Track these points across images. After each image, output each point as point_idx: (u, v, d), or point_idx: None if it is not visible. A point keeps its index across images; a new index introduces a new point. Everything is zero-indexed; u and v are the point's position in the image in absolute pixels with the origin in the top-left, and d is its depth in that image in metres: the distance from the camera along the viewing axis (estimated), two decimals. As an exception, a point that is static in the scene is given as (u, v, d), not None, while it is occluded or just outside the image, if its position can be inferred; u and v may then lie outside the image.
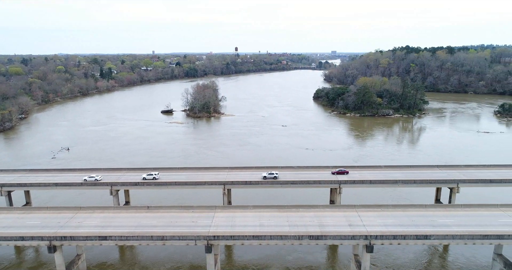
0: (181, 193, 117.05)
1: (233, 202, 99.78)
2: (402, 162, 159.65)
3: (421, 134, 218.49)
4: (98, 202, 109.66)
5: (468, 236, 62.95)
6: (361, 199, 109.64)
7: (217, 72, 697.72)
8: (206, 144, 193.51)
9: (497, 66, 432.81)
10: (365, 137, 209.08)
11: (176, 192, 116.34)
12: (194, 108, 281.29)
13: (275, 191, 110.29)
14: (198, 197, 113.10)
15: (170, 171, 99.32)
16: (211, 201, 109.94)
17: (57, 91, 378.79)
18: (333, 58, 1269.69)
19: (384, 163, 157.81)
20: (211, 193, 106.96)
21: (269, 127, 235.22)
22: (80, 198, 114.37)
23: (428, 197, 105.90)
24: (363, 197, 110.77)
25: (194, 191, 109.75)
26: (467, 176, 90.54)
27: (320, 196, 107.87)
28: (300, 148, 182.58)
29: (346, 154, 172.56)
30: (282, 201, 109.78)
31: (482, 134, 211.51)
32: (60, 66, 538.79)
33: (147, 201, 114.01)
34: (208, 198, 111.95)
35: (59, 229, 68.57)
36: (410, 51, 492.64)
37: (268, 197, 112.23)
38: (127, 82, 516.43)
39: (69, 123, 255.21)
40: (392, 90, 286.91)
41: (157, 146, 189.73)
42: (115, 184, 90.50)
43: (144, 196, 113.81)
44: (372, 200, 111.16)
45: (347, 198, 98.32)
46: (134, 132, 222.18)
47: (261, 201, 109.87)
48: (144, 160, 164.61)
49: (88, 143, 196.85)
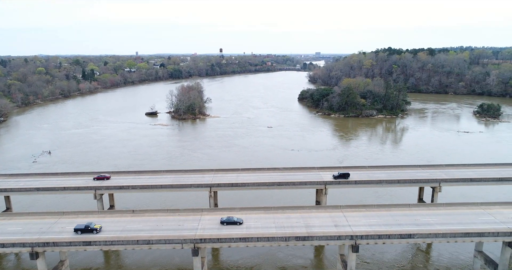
0: (167, 196, 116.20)
1: (220, 204, 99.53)
2: (386, 162, 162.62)
3: (403, 134, 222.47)
4: (82, 206, 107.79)
5: (450, 235, 64.48)
6: (347, 199, 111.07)
7: (202, 74, 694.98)
8: (191, 146, 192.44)
9: (475, 68, 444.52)
10: (349, 138, 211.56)
11: (162, 195, 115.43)
12: (179, 109, 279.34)
13: (261, 192, 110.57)
14: (184, 200, 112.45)
15: (155, 174, 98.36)
16: (198, 203, 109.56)
17: (37, 93, 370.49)
18: (317, 60, 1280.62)
19: (368, 163, 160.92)
20: (197, 195, 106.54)
21: (255, 128, 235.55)
22: (63, 202, 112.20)
23: (412, 196, 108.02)
24: (349, 197, 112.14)
25: (180, 194, 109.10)
26: (449, 175, 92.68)
27: (306, 197, 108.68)
28: (286, 149, 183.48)
29: (331, 154, 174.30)
30: (268, 203, 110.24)
31: (462, 133, 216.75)
32: (41, 67, 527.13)
33: (132, 204, 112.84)
34: (194, 200, 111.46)
35: (41, 235, 67.08)
36: (392, 52, 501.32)
37: (254, 198, 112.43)
38: (110, 83, 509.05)
39: (50, 126, 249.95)
40: (375, 91, 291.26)
41: (141, 148, 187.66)
42: (99, 188, 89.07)
43: (129, 199, 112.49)
44: (357, 200, 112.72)
45: (333, 198, 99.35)
46: (118, 135, 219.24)
47: (248, 203, 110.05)
48: (128, 163, 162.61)
49: (70, 146, 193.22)
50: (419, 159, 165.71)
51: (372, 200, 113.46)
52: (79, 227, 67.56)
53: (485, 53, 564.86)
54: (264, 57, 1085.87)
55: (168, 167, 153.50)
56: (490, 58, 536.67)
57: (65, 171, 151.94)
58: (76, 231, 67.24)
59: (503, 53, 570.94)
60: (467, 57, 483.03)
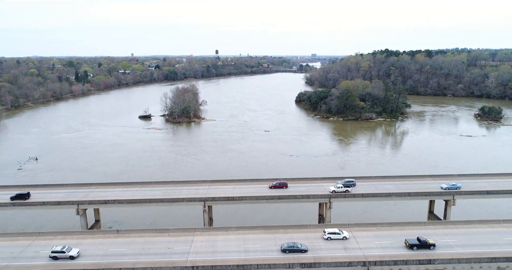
0: (158, 209, 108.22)
1: (215, 218, 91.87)
2: (388, 167, 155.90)
3: (404, 138, 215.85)
4: (63, 222, 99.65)
5: (475, 260, 57.26)
6: (350, 211, 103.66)
7: (198, 75, 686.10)
8: (185, 151, 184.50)
9: (474, 69, 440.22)
10: (349, 142, 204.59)
11: (151, 209, 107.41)
12: (173, 113, 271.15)
13: (260, 205, 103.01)
14: (176, 214, 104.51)
15: (144, 186, 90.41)
16: (191, 216, 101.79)
17: (28, 95, 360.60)
18: (313, 61, 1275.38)
19: (370, 168, 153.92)
20: (190, 209, 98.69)
21: (251, 132, 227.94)
22: (42, 219, 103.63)
23: (421, 208, 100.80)
24: (352, 209, 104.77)
25: (171, 208, 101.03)
26: (463, 187, 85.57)
27: (308, 209, 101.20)
28: (284, 154, 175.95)
29: (331, 160, 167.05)
30: (267, 216, 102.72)
31: (465, 137, 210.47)
32: (33, 69, 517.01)
33: (120, 217, 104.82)
34: (187, 213, 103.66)
35: (12, 261, 59.01)
36: (390, 54, 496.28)
37: (252, 211, 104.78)
38: (104, 85, 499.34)
39: (40, 129, 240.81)
40: (374, 93, 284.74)
41: (133, 153, 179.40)
42: (82, 203, 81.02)
43: (116, 213, 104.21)
44: (360, 211, 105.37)
45: (335, 210, 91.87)
46: (109, 139, 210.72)
47: (245, 217, 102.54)
48: (118, 169, 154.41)
49: (59, 152, 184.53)
50: (423, 164, 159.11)
51: (377, 212, 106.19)
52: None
53: (482, 55, 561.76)
54: (260, 58, 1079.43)
55: (160, 174, 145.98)
56: (487, 60, 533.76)
57: (52, 179, 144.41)
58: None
59: (500, 54, 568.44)
60: (465, 58, 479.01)
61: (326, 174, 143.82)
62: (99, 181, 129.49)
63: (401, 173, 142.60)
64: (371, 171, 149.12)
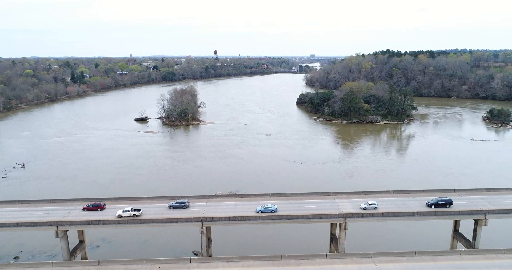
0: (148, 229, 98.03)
1: (214, 239, 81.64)
2: (399, 174, 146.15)
3: (412, 142, 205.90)
4: (44, 241, 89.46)
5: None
6: (366, 232, 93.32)
7: (196, 76, 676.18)
8: (183, 157, 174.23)
9: (479, 70, 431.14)
10: (355, 146, 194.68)
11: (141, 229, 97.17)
12: (170, 115, 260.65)
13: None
14: (171, 231, 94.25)
15: (134, 202, 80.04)
16: (187, 235, 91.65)
17: (21, 97, 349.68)
18: (312, 62, 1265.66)
19: (380, 176, 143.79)
20: (186, 229, 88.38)
21: (252, 136, 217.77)
22: (16, 241, 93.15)
23: (444, 225, 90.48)
24: (368, 230, 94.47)
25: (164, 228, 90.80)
26: (495, 204, 75.67)
27: (319, 228, 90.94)
28: (287, 161, 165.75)
29: (338, 167, 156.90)
30: (272, 238, 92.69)
31: (476, 142, 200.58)
32: (29, 69, 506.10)
33: (108, 235, 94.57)
34: (183, 231, 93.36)
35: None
36: (392, 55, 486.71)
37: (255, 230, 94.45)
38: (101, 86, 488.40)
39: (30, 133, 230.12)
40: (379, 95, 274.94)
41: (127, 159, 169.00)
42: (62, 224, 70.72)
43: (103, 230, 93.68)
44: (378, 232, 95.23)
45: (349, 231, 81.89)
46: (102, 144, 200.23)
47: (248, 237, 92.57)
48: (110, 177, 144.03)
49: (48, 158, 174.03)
50: (435, 171, 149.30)
51: (394, 230, 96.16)
52: None
53: (485, 56, 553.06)
54: (260, 59, 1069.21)
55: (154, 183, 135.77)
56: (490, 61, 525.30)
57: (38, 188, 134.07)
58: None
59: (502, 55, 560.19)
60: (468, 59, 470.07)
61: (334, 183, 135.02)
62: (86, 193, 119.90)
63: (414, 182, 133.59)
64: (381, 180, 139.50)
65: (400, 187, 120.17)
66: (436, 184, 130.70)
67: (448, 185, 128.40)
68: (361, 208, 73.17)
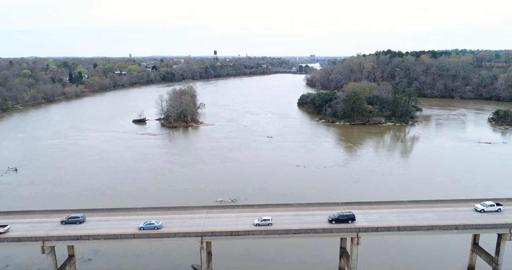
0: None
1: (214, 253, 75.65)
2: (407, 179, 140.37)
3: (418, 145, 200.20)
4: (31, 256, 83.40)
5: None
6: (377, 245, 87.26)
7: (196, 76, 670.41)
8: (181, 161, 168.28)
9: (482, 71, 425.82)
10: (359, 149, 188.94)
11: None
12: (169, 116, 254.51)
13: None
14: (167, 247, 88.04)
15: (128, 214, 74.04)
16: (185, 246, 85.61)
17: (18, 97, 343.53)
18: (312, 62, 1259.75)
19: (387, 181, 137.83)
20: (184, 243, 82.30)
21: (253, 138, 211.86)
22: (4, 253, 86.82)
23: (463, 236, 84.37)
24: (379, 242, 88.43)
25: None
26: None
27: (327, 240, 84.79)
28: (290, 164, 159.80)
29: (343, 171, 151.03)
30: (277, 253, 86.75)
31: (483, 144, 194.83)
32: (26, 70, 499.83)
33: (100, 247, 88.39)
34: (180, 247, 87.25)
35: None
36: (394, 55, 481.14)
37: (260, 243, 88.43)
38: (99, 87, 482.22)
39: (25, 135, 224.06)
40: (382, 96, 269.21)
41: (123, 163, 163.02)
42: (48, 239, 64.65)
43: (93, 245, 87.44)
44: (390, 244, 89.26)
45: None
46: (99, 146, 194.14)
47: (251, 250, 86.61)
48: (105, 182, 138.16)
49: (42, 161, 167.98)
50: (444, 175, 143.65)
51: (409, 243, 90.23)
52: None
53: (487, 56, 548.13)
54: (259, 59, 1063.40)
55: (151, 190, 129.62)
56: (492, 61, 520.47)
57: (30, 194, 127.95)
58: None
59: (505, 55, 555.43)
60: (470, 60, 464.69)
61: (340, 189, 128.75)
62: (79, 200, 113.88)
63: (424, 188, 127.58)
64: (389, 185, 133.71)
65: (409, 194, 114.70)
66: (447, 190, 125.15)
67: (459, 191, 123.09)
68: (254, 224, 67.67)
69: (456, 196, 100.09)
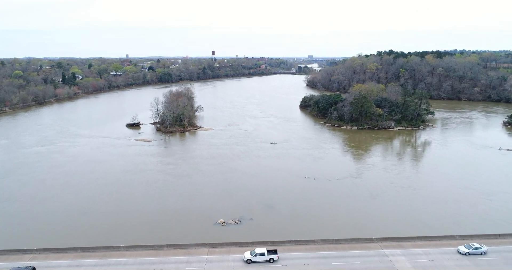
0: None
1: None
2: (431, 192, 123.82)
3: (433, 151, 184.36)
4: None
5: None
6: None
7: (193, 77, 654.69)
8: (177, 171, 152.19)
9: (490, 72, 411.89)
10: (371, 157, 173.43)
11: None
12: (165, 120, 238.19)
13: None
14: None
15: (109, 255, 58.00)
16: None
17: (6, 100, 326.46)
18: (310, 63, 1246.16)
19: (410, 195, 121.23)
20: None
21: (255, 144, 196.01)
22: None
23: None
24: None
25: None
26: None
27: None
28: (298, 176, 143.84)
29: (358, 183, 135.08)
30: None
31: (506, 152, 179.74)
32: (18, 71, 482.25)
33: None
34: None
35: None
36: (398, 55, 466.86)
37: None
38: (93, 88, 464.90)
39: (8, 141, 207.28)
40: (391, 98, 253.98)
41: (113, 174, 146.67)
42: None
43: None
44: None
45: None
46: (87, 154, 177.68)
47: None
48: (89, 198, 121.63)
49: (23, 172, 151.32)
50: (471, 189, 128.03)
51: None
52: None
53: (493, 57, 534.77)
54: (258, 60, 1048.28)
55: (140, 207, 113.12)
56: (498, 62, 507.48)
57: (3, 212, 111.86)
58: None
59: (505, 55, 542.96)
60: (476, 60, 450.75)
61: (359, 207, 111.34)
62: (56, 227, 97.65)
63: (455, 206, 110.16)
64: (413, 202, 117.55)
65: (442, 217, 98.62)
66: (486, 209, 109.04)
67: (496, 211, 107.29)
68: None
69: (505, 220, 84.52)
